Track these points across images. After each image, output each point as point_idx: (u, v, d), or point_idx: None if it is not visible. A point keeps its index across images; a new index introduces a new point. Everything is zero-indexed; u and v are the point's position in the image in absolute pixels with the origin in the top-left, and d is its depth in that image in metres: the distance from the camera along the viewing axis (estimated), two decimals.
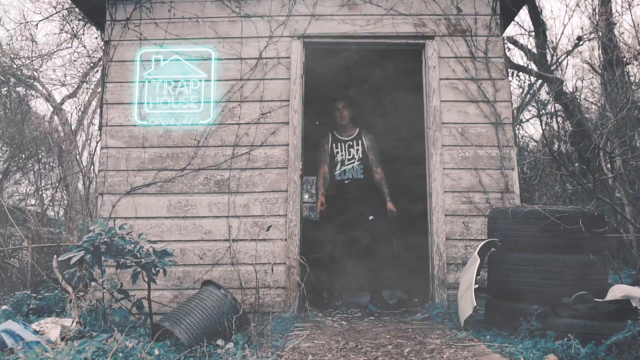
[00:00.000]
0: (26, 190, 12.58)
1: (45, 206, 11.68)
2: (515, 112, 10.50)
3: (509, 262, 3.90)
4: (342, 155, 5.86)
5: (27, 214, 10.57)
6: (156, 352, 3.34)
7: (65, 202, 12.35)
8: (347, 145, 5.86)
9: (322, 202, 5.67)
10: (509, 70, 5.06)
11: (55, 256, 5.53)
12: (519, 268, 3.84)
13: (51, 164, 12.68)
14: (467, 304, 3.87)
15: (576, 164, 9.12)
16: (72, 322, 4.00)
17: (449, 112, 5.00)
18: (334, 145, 5.90)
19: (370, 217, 5.70)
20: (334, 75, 6.28)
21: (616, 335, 2.94)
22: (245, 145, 5.00)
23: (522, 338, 3.51)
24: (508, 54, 11.16)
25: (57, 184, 12.09)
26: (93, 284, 4.26)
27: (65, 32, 11.23)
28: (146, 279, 3.86)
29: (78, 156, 12.23)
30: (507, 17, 5.48)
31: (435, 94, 4.99)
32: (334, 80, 6.45)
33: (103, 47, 5.35)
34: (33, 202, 12.27)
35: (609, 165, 8.26)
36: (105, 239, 3.53)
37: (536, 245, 3.82)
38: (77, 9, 8.83)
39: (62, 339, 3.79)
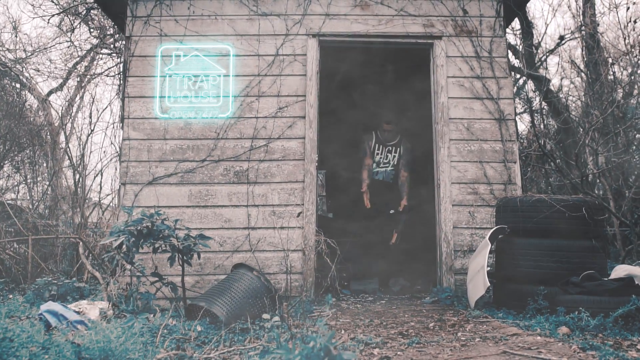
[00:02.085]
0: (6, 183, 12.56)
1: (38, 200, 11.74)
2: None
3: (517, 247, 4.23)
4: (380, 157, 6.44)
5: (23, 207, 10.66)
6: (199, 328, 3.58)
7: (52, 195, 12.39)
8: (387, 149, 6.45)
9: (367, 197, 6.32)
10: (510, 71, 5.39)
11: (81, 243, 5.74)
12: (526, 252, 4.17)
13: (41, 157, 12.71)
14: (478, 285, 4.18)
15: (557, 160, 9.51)
16: (109, 304, 4.22)
17: (455, 108, 5.32)
18: (376, 146, 6.47)
19: (391, 211, 6.22)
20: (346, 72, 6.59)
21: (622, 308, 3.27)
22: (263, 138, 5.25)
23: (530, 316, 3.84)
24: None
25: (50, 178, 12.15)
26: (129, 267, 4.47)
27: (60, 28, 11.31)
28: (180, 263, 4.11)
29: (68, 149, 12.30)
30: (507, 19, 5.83)
31: (443, 91, 5.30)
32: (346, 77, 6.76)
33: (124, 42, 5.54)
34: (14, 195, 12.27)
35: (593, 162, 8.67)
36: (147, 224, 3.76)
37: (543, 232, 4.15)
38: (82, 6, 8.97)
39: (101, 319, 4.01)
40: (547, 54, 11.10)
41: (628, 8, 8.26)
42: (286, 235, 5.10)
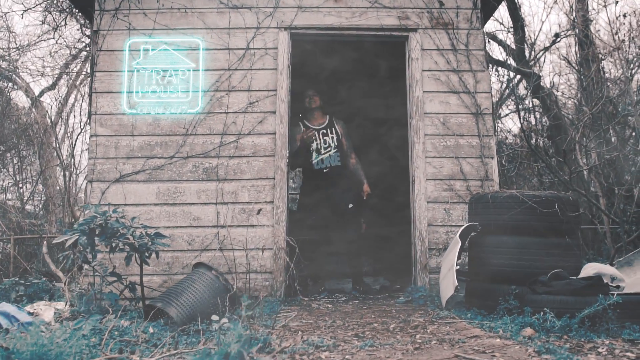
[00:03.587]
0: (2, 183, 12.49)
1: (25, 199, 11.64)
2: (494, 106, 10.76)
3: (488, 245, 4.08)
4: (317, 143, 5.79)
5: (8, 206, 10.55)
6: (151, 330, 3.45)
7: (44, 195, 12.31)
8: (321, 133, 5.82)
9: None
10: (488, 64, 5.24)
11: (45, 242, 5.61)
12: (498, 250, 4.01)
13: (30, 157, 12.63)
14: (448, 285, 4.04)
15: (553, 158, 9.37)
16: (65, 305, 4.09)
17: (431, 102, 5.17)
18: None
19: (350, 205, 5.79)
20: (320, 66, 6.44)
21: (588, 308, 3.13)
22: (233, 134, 5.11)
23: (501, 316, 3.69)
24: (488, 49, 11.40)
25: (37, 177, 12.06)
26: (86, 267, 4.34)
27: (47, 24, 11.19)
28: (139, 262, 3.97)
29: (58, 149, 12.18)
30: (487, 11, 5.67)
31: (418, 85, 5.15)
32: (319, 71, 6.62)
33: (91, 37, 5.41)
34: (10, 196, 12.20)
35: (585, 160, 8.52)
36: (100, 222, 3.62)
37: (514, 229, 3.99)
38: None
39: (55, 321, 3.88)
40: (542, 51, 10.96)
41: (617, 2, 8.10)
42: (256, 234, 4.96)
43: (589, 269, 3.61)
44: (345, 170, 5.87)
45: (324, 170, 5.80)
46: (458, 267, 4.00)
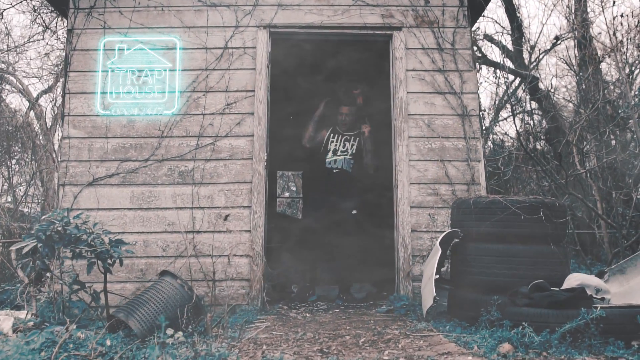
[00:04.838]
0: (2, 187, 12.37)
1: (18, 201, 11.50)
2: (492, 109, 10.55)
3: (471, 253, 3.88)
4: (335, 145, 5.82)
5: None
6: (108, 342, 3.26)
7: (42, 198, 12.18)
8: (343, 138, 5.84)
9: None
10: (482, 65, 5.04)
11: (12, 248, 5.43)
12: (480, 258, 3.82)
13: (25, 159, 12.50)
14: (428, 294, 3.84)
15: (552, 162, 9.14)
16: (27, 314, 3.91)
17: (415, 103, 4.98)
18: (331, 135, 5.86)
19: (354, 212, 5.65)
20: (302, 66, 6.26)
21: (570, 323, 2.93)
22: (210, 136, 4.93)
23: (481, 328, 3.49)
24: (485, 51, 11.21)
25: (30, 179, 11.92)
26: (49, 274, 4.16)
27: (38, 24, 11.07)
28: (102, 270, 3.79)
29: (53, 152, 12.03)
30: (475, 10, 5.45)
31: (402, 85, 4.96)
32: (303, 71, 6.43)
33: (66, 36, 5.24)
34: (6, 198, 12.07)
35: (582, 163, 8.30)
36: (58, 228, 3.44)
37: (498, 236, 3.80)
38: None
39: (14, 331, 3.70)
40: (543, 54, 10.74)
41: (614, 2, 7.88)
42: (233, 239, 4.78)
43: (573, 280, 3.40)
44: (354, 177, 5.80)
45: (334, 171, 5.79)
46: (437, 276, 3.80)
